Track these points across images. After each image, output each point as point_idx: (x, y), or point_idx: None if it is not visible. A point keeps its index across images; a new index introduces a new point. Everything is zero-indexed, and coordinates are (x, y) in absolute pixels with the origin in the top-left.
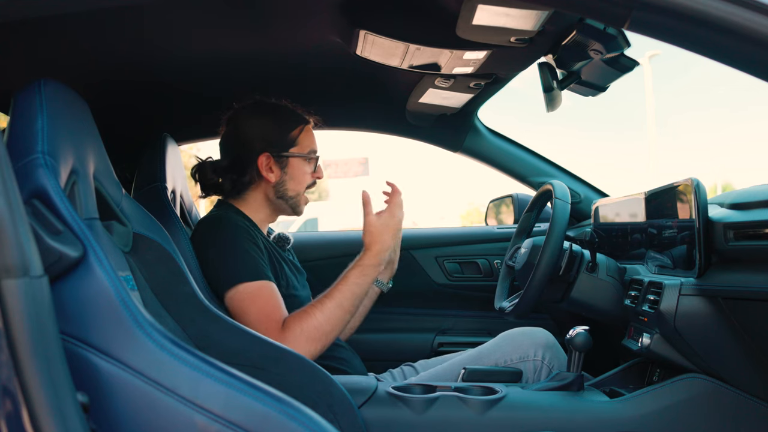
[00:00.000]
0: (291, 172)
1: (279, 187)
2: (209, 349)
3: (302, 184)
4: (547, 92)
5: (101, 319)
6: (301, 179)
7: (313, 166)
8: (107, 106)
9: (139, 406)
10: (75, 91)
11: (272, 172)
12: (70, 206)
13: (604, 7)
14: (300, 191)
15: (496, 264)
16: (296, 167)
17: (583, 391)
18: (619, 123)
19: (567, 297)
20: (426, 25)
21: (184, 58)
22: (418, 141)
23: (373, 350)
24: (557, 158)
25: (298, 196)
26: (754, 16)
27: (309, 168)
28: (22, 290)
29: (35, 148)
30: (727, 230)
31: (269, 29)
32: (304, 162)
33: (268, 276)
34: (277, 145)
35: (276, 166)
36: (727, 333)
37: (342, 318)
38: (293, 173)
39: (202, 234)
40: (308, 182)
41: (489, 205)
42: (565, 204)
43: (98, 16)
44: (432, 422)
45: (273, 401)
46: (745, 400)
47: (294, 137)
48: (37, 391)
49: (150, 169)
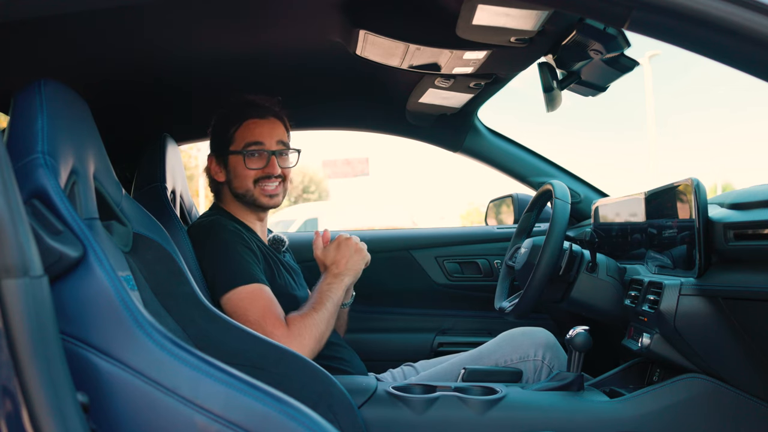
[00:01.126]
0: (232, 171)
1: (230, 186)
2: (209, 349)
3: (245, 180)
4: (547, 92)
5: (101, 319)
6: (241, 175)
7: (262, 161)
8: (107, 106)
9: (139, 406)
10: (75, 91)
11: (220, 172)
12: (70, 206)
13: (604, 7)
14: (248, 187)
15: (496, 264)
16: (234, 165)
17: (583, 391)
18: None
19: (567, 297)
20: (426, 25)
21: (184, 58)
22: (418, 141)
23: (373, 350)
24: (557, 158)
25: (248, 192)
26: (754, 16)
27: (251, 163)
28: (22, 290)
29: (35, 148)
30: (727, 230)
31: (269, 29)
32: (242, 158)
33: (262, 279)
34: (217, 145)
35: (220, 166)
36: (727, 333)
37: (330, 321)
38: (233, 171)
39: (194, 239)
40: (253, 177)
41: (489, 205)
42: (565, 204)
43: (98, 16)
44: (432, 422)
45: (273, 401)
46: (745, 400)
47: (231, 135)
48: (37, 391)
49: (150, 169)
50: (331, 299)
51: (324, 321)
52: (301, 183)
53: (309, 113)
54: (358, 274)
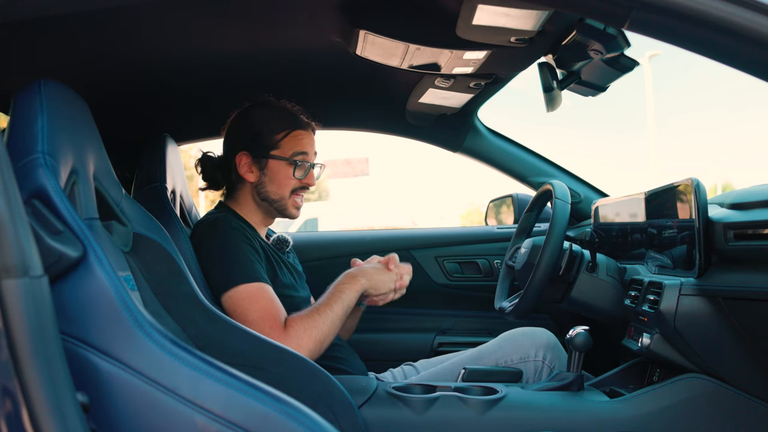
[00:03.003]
0: (270, 175)
1: (260, 189)
2: (209, 349)
3: (284, 188)
4: (547, 92)
5: (101, 319)
6: (282, 183)
7: (303, 172)
8: (107, 106)
9: (139, 406)
10: (75, 91)
11: (251, 172)
12: (70, 206)
13: (604, 7)
14: (284, 195)
15: (496, 264)
16: (276, 170)
17: (583, 391)
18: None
19: (567, 297)
20: (426, 25)
21: (184, 58)
22: (418, 141)
23: (373, 350)
24: (557, 158)
25: (282, 200)
26: (754, 16)
27: (297, 173)
28: (22, 290)
29: (35, 148)
30: (727, 230)
31: (269, 29)
32: (286, 165)
33: (264, 278)
34: (257, 146)
35: (255, 167)
36: (727, 333)
37: (336, 323)
38: (273, 176)
39: (199, 236)
40: (292, 186)
41: (489, 205)
42: (565, 204)
43: (98, 16)
44: (432, 422)
45: (273, 401)
46: (745, 400)
47: (277, 140)
48: (37, 391)
49: (150, 169)
50: (341, 301)
51: (327, 323)
52: None
53: (309, 113)
54: (378, 289)
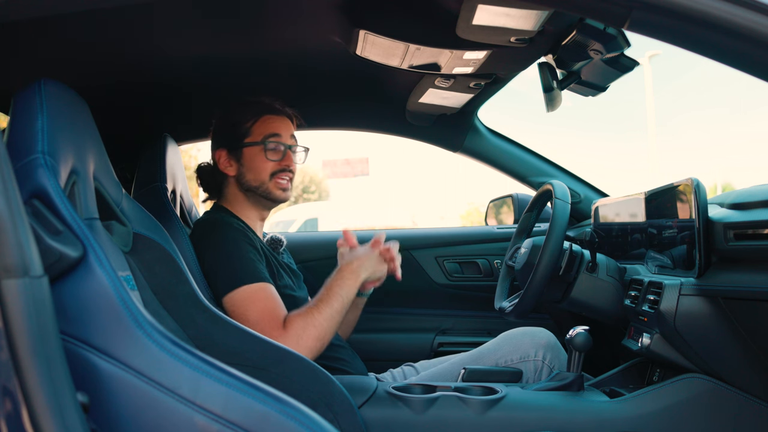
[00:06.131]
0: (247, 164)
1: (241, 180)
2: (209, 349)
3: (262, 172)
4: (547, 92)
5: (101, 319)
6: (258, 168)
7: (278, 154)
8: (107, 106)
9: (139, 406)
10: (75, 91)
11: (230, 166)
12: (70, 206)
13: (604, 7)
14: (263, 180)
15: (496, 264)
16: (251, 157)
17: (583, 391)
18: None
19: (567, 297)
20: (426, 25)
21: (184, 58)
22: (418, 141)
23: (373, 350)
24: (557, 158)
25: (263, 184)
26: (754, 16)
27: (270, 155)
28: (22, 290)
29: (35, 148)
30: (727, 230)
31: (269, 29)
32: (259, 150)
33: (266, 278)
34: (232, 139)
35: (232, 159)
36: (727, 333)
37: (335, 319)
38: (249, 164)
39: (199, 236)
40: (270, 170)
41: (489, 205)
42: (565, 204)
43: (98, 16)
44: (432, 422)
45: (273, 401)
46: (745, 400)
47: (248, 127)
48: (37, 391)
49: (150, 169)
50: (340, 297)
51: (327, 319)
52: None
53: (309, 113)
54: (376, 275)
